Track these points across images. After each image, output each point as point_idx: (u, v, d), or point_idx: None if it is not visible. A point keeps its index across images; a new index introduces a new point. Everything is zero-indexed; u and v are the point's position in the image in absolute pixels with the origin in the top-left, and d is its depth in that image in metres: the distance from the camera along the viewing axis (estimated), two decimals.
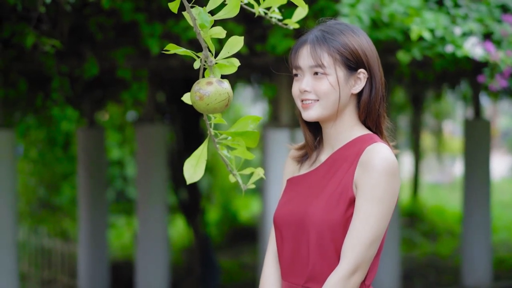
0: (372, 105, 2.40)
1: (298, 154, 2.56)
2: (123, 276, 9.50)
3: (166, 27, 5.20)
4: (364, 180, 2.28)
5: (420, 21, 4.66)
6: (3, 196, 6.09)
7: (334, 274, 2.27)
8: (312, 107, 2.37)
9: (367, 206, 2.26)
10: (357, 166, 2.32)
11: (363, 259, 2.26)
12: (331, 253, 2.32)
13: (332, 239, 2.31)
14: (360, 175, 2.30)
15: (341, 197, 2.31)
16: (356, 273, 2.26)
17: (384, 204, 2.27)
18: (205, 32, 1.99)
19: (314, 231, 2.32)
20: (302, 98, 2.38)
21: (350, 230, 2.28)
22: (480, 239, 8.57)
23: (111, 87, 8.42)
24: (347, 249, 2.27)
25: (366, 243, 2.26)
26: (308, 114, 2.38)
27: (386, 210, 2.28)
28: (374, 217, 2.26)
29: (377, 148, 2.31)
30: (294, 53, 2.41)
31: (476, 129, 8.91)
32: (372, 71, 2.40)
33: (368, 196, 2.26)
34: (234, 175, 2.26)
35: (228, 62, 2.03)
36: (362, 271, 2.27)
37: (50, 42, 4.26)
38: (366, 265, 2.28)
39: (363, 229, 2.26)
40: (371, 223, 2.26)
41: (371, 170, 2.27)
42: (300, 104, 2.40)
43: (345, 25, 2.41)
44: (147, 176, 8.00)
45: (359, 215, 2.27)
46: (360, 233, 2.26)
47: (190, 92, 2.03)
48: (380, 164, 2.27)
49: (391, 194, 2.28)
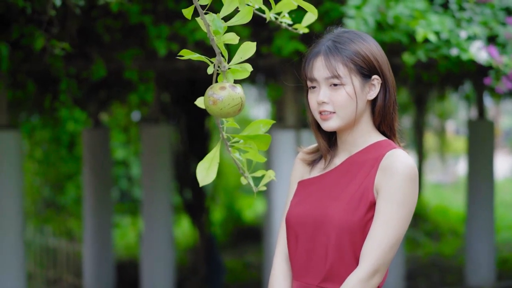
0: (387, 110, 2.45)
1: (308, 157, 2.60)
2: (128, 275, 9.55)
3: (173, 29, 5.24)
4: (386, 184, 2.33)
5: (426, 24, 4.69)
6: (10, 196, 6.13)
7: (353, 276, 2.31)
8: (331, 118, 2.40)
9: (389, 209, 2.31)
10: (378, 170, 2.36)
11: (383, 262, 2.31)
12: (349, 255, 2.36)
13: (351, 241, 2.35)
14: (381, 179, 2.35)
15: (361, 200, 2.36)
16: (375, 276, 2.30)
17: (405, 208, 2.32)
18: (219, 38, 2.03)
19: (333, 232, 2.36)
20: (321, 109, 2.41)
21: (371, 233, 2.32)
22: (483, 239, 8.60)
23: (116, 88, 8.47)
24: (368, 252, 2.31)
25: (386, 246, 2.30)
26: (328, 125, 2.41)
27: (407, 214, 2.33)
28: (396, 220, 2.31)
29: (398, 153, 2.37)
30: (308, 65, 2.43)
31: (479, 129, 8.95)
32: (384, 76, 2.44)
33: (390, 200, 2.31)
34: (246, 177, 2.30)
35: (241, 67, 2.07)
36: (381, 273, 2.32)
37: (60, 45, 4.30)
38: (385, 268, 2.32)
39: (384, 232, 2.31)
40: (392, 227, 2.31)
41: (393, 174, 2.32)
42: (319, 116, 2.43)
43: (353, 33, 2.45)
44: (152, 176, 8.04)
45: (381, 218, 2.31)
46: (381, 236, 2.30)
47: (204, 96, 2.07)
48: (402, 169, 2.32)
49: (412, 198, 2.34)
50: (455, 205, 14.72)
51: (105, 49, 5.68)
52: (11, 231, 6.15)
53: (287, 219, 2.50)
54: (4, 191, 6.11)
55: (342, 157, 2.49)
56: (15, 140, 6.13)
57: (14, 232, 6.15)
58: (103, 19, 5.21)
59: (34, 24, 4.78)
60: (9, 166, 6.12)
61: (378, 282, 2.32)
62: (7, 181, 6.12)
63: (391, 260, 2.34)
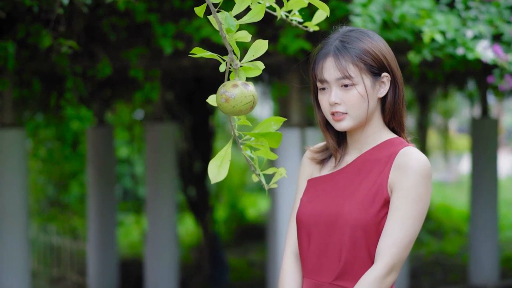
0: (397, 106, 2.46)
1: (317, 155, 2.60)
2: (132, 274, 9.56)
3: (178, 27, 5.25)
4: (401, 182, 2.34)
5: (432, 23, 4.70)
6: (15, 194, 6.14)
7: (369, 273, 2.32)
8: (344, 118, 2.41)
9: (404, 207, 2.32)
10: (392, 168, 2.37)
11: (398, 260, 2.32)
12: (363, 252, 2.36)
13: (365, 238, 2.35)
14: (395, 177, 2.36)
15: (375, 197, 2.36)
16: (391, 274, 2.31)
17: (420, 205, 2.34)
18: (231, 36, 2.04)
19: (348, 230, 2.37)
20: (333, 110, 2.41)
21: (386, 230, 2.33)
22: (487, 237, 8.61)
23: (120, 87, 8.48)
24: (384, 249, 2.32)
25: (402, 244, 2.32)
26: (341, 126, 2.42)
27: (422, 211, 2.35)
28: (412, 218, 2.33)
29: (411, 151, 2.38)
30: (318, 67, 2.43)
31: (483, 127, 8.95)
32: (393, 72, 2.45)
33: (406, 198, 2.33)
34: (257, 175, 2.30)
35: (253, 65, 2.08)
36: (397, 271, 2.33)
37: (67, 43, 4.31)
38: (400, 266, 2.33)
39: (400, 230, 2.32)
40: (408, 224, 2.32)
41: (408, 172, 2.34)
42: (331, 117, 2.43)
43: (360, 31, 2.45)
44: (156, 175, 8.05)
45: (397, 216, 2.32)
46: (397, 233, 2.32)
47: (216, 94, 2.08)
48: (417, 166, 2.34)
49: (427, 195, 2.36)
50: (458, 203, 14.72)
51: (111, 48, 5.69)
52: (16, 230, 6.16)
53: (299, 217, 2.50)
54: (9, 190, 6.12)
55: (353, 155, 2.50)
56: (20, 139, 6.15)
57: (19, 231, 6.17)
58: (109, 18, 5.22)
59: (40, 22, 4.79)
60: (14, 165, 6.14)
61: (394, 279, 2.33)
62: (13, 179, 6.13)
63: (406, 258, 2.35)
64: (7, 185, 6.11)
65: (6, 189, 6.11)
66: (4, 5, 4.33)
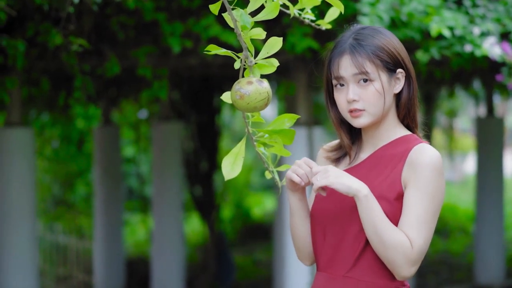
0: (412, 102, 2.49)
1: (332, 154, 2.61)
2: (139, 273, 9.57)
3: (186, 26, 5.26)
4: (415, 178, 2.35)
5: (439, 20, 4.70)
6: (22, 193, 6.15)
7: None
8: (362, 115, 2.42)
9: (420, 203, 2.34)
10: (405, 164, 2.39)
11: (423, 253, 2.35)
12: None
13: None
14: (409, 173, 2.37)
15: (389, 191, 2.38)
16: (414, 266, 2.35)
17: (436, 200, 2.36)
18: (245, 33, 2.05)
19: None
20: (351, 108, 2.42)
21: (404, 229, 2.34)
22: (492, 236, 8.62)
23: (126, 86, 8.50)
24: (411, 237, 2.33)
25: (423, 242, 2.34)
26: (358, 122, 2.43)
27: (438, 206, 2.36)
28: (429, 213, 2.34)
29: (425, 147, 2.40)
30: (334, 65, 2.44)
31: (489, 127, 8.95)
32: (408, 68, 2.47)
33: (421, 193, 2.34)
34: (271, 172, 2.32)
35: (268, 62, 2.10)
36: (417, 266, 2.36)
37: (78, 42, 4.33)
38: (420, 261, 2.36)
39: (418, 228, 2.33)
40: (426, 221, 2.34)
41: (422, 168, 2.35)
42: (349, 114, 2.44)
43: (372, 29, 2.47)
44: (162, 174, 8.07)
45: (414, 213, 2.33)
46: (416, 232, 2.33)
47: (231, 91, 2.10)
48: (429, 162, 2.36)
49: (441, 190, 2.37)
50: (463, 203, 14.72)
51: (119, 46, 5.70)
52: (24, 229, 6.17)
53: (314, 212, 2.51)
54: (17, 189, 6.13)
55: (367, 152, 2.51)
56: (28, 138, 6.16)
57: (26, 230, 6.17)
58: (117, 16, 5.23)
59: (50, 21, 4.81)
60: (22, 164, 6.15)
61: (415, 270, 2.35)
62: (20, 178, 6.14)
63: (425, 252, 2.36)
64: (15, 184, 6.12)
65: (14, 188, 6.12)
66: (13, 3, 4.35)
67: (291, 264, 6.05)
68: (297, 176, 2.39)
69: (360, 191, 2.32)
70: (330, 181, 2.32)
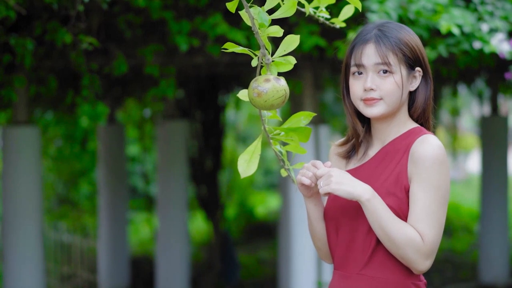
0: (427, 102, 2.49)
1: (342, 149, 2.62)
2: (143, 271, 9.58)
3: (193, 24, 5.26)
4: (419, 170, 2.35)
5: (448, 17, 4.70)
6: (28, 192, 6.14)
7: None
8: (376, 104, 2.42)
9: (426, 195, 2.34)
10: (409, 156, 2.39)
11: (437, 245, 2.34)
12: None
13: None
14: (413, 165, 2.37)
15: (397, 185, 2.39)
16: (428, 259, 2.34)
17: (441, 191, 2.36)
18: (263, 31, 2.05)
19: None
20: (367, 96, 2.42)
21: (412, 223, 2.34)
22: (497, 235, 8.61)
23: (132, 84, 8.50)
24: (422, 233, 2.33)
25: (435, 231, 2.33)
26: (372, 111, 2.43)
27: (444, 196, 2.36)
28: (436, 204, 2.34)
29: (427, 138, 2.40)
30: (357, 52, 2.44)
31: (493, 126, 8.94)
32: (426, 68, 2.48)
33: (426, 185, 2.34)
34: (287, 170, 2.32)
35: (285, 60, 2.10)
36: (432, 258, 2.35)
37: (87, 40, 4.33)
38: (434, 254, 2.35)
39: (427, 220, 2.33)
40: (433, 212, 2.34)
41: (424, 160, 2.35)
42: (361, 103, 2.44)
43: (396, 24, 2.48)
44: (167, 172, 8.07)
45: (420, 205, 2.33)
46: (424, 224, 2.33)
47: (248, 89, 2.10)
48: (432, 153, 2.35)
49: (446, 181, 2.37)
50: (467, 201, 14.71)
51: (126, 45, 5.70)
52: (29, 228, 6.16)
53: (326, 211, 2.52)
54: (23, 187, 6.13)
55: (375, 148, 2.52)
56: (34, 136, 6.16)
57: (32, 229, 6.17)
58: (125, 15, 5.23)
59: (57, 19, 4.81)
60: (28, 162, 6.14)
61: (430, 264, 2.34)
62: (27, 176, 6.14)
63: (439, 242, 2.35)
64: (21, 182, 6.11)
65: (20, 187, 6.11)
66: (22, 2, 4.35)
67: (295, 263, 6.05)
68: (306, 178, 2.40)
69: (362, 196, 2.33)
70: (331, 188, 2.34)
